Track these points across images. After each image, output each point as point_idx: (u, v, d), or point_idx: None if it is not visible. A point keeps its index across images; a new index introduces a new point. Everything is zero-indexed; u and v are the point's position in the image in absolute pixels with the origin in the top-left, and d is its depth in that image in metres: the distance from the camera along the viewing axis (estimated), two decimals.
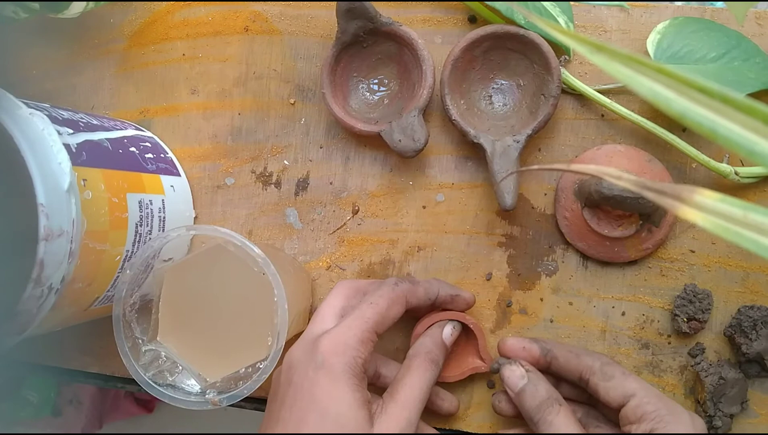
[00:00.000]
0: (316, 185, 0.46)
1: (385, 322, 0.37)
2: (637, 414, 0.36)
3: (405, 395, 0.36)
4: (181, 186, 0.45)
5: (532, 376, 0.39)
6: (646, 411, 0.36)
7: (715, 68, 0.41)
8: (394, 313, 0.37)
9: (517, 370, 0.39)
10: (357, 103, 0.45)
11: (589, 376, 0.38)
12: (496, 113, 0.44)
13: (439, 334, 0.41)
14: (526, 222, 0.45)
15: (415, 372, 0.37)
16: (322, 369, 0.33)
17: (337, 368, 0.33)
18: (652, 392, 0.37)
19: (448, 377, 0.43)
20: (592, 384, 0.38)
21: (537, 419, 0.37)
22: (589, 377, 0.38)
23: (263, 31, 0.47)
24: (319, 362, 0.34)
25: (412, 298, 0.39)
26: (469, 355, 0.43)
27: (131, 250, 0.38)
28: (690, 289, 0.42)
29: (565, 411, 0.37)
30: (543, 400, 0.38)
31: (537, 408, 0.37)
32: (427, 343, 0.40)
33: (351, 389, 0.33)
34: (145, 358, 0.38)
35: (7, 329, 0.32)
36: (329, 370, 0.33)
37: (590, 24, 0.44)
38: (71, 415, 0.93)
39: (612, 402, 0.37)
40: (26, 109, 0.33)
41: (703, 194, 0.20)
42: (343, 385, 0.33)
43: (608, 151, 0.43)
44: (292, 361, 0.35)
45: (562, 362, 0.40)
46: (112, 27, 0.48)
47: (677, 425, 0.35)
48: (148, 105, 0.48)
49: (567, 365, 0.39)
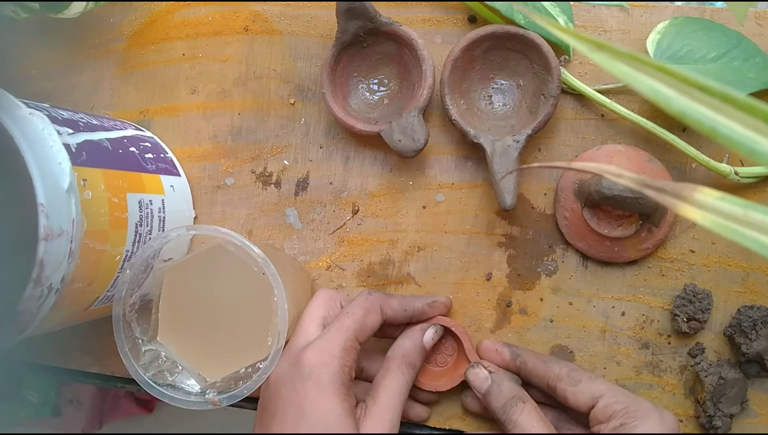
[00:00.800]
0: (316, 185, 0.46)
1: (364, 330, 0.38)
2: (607, 413, 0.36)
3: (386, 399, 0.37)
4: (181, 186, 0.45)
5: (495, 377, 0.40)
6: (615, 410, 0.36)
7: (715, 68, 0.41)
8: (371, 321, 0.39)
9: (481, 372, 0.40)
10: (357, 103, 0.45)
11: (556, 382, 0.39)
12: (496, 113, 0.44)
13: (419, 337, 0.41)
14: (526, 222, 0.45)
15: (392, 375, 0.38)
16: (309, 381, 0.34)
17: (324, 379, 0.34)
18: (620, 391, 0.37)
19: (441, 386, 0.43)
20: (560, 390, 0.39)
21: (504, 420, 0.38)
22: (556, 384, 0.39)
23: (263, 31, 0.47)
24: (306, 374, 0.34)
25: (387, 308, 0.40)
26: (462, 362, 0.43)
27: (131, 250, 0.38)
28: (690, 289, 0.42)
29: (529, 408, 0.38)
30: (507, 399, 0.38)
31: (502, 408, 0.38)
32: (406, 345, 0.40)
33: (339, 399, 0.34)
34: (144, 358, 0.38)
35: (7, 329, 0.32)
36: (316, 382, 0.34)
37: (590, 24, 0.44)
38: (71, 415, 0.93)
39: (581, 406, 0.38)
40: (26, 109, 0.33)
41: (703, 192, 0.20)
42: (331, 395, 0.34)
43: (608, 151, 0.43)
44: (278, 373, 0.36)
45: (530, 367, 0.41)
46: (111, 27, 0.48)
47: (645, 420, 0.36)
48: (148, 105, 0.48)
49: (535, 371, 0.40)
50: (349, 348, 0.36)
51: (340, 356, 0.35)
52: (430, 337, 0.41)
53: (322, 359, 0.35)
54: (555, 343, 0.44)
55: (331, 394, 0.34)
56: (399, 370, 0.39)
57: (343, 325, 0.37)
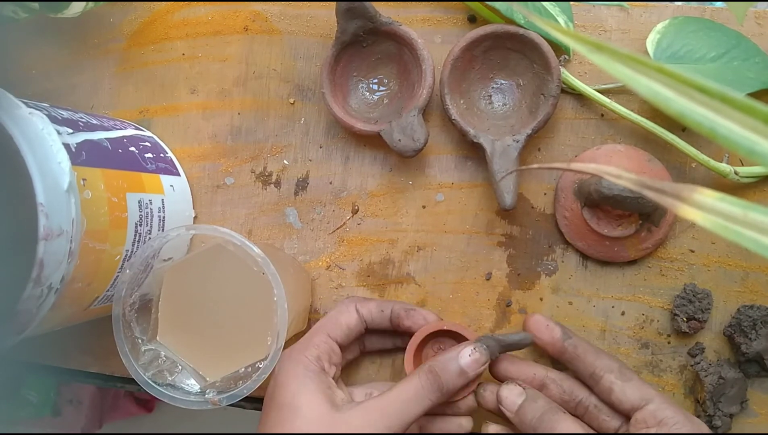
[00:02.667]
0: (316, 185, 0.46)
1: (337, 328, 0.40)
2: (657, 417, 0.36)
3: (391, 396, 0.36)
4: (180, 186, 0.45)
5: (530, 392, 0.38)
6: (666, 416, 0.36)
7: (714, 68, 0.41)
8: (346, 319, 0.41)
9: (515, 388, 0.38)
10: (357, 103, 0.45)
11: (604, 372, 0.38)
12: (495, 113, 0.44)
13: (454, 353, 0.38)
14: (525, 222, 0.45)
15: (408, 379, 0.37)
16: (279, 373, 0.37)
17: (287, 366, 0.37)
18: (670, 401, 0.37)
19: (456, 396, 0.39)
20: (606, 381, 0.37)
21: (541, 429, 0.36)
22: (604, 374, 0.38)
23: (263, 31, 0.47)
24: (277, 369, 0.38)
25: (362, 308, 0.41)
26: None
27: (131, 249, 0.38)
28: (690, 288, 0.42)
29: (570, 417, 0.37)
30: (545, 410, 0.37)
31: (540, 419, 0.37)
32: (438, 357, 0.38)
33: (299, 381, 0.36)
34: (144, 358, 0.38)
35: (7, 329, 0.32)
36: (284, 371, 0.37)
37: (590, 24, 0.44)
38: (71, 414, 0.93)
39: (626, 402, 0.37)
40: (26, 109, 0.33)
41: (702, 193, 0.20)
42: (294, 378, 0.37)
43: (608, 151, 0.43)
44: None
45: (580, 352, 0.39)
46: (111, 27, 0.48)
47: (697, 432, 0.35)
48: (148, 105, 0.48)
49: (584, 356, 0.39)
50: (319, 342, 0.39)
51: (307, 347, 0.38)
52: (467, 353, 0.38)
53: (292, 354, 0.38)
54: None
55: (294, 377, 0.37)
56: (417, 375, 0.37)
57: (318, 324, 0.40)
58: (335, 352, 0.40)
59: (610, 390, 0.37)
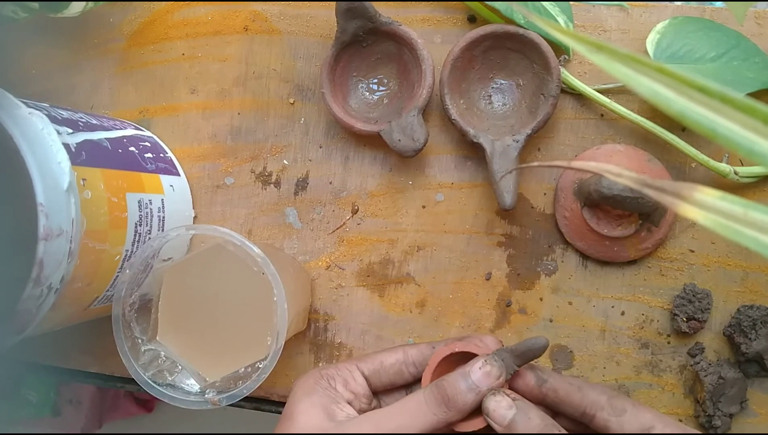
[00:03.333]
0: (316, 185, 0.46)
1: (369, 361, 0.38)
2: None
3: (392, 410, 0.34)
4: (180, 186, 0.45)
5: (521, 404, 0.34)
6: None
7: (714, 68, 0.41)
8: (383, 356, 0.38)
9: (503, 400, 0.34)
10: (356, 103, 0.45)
11: (596, 411, 0.34)
12: (495, 113, 0.44)
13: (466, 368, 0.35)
14: (525, 221, 0.45)
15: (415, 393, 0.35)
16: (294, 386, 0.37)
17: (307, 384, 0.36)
18: (670, 421, 0.34)
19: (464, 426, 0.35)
20: (600, 419, 0.34)
21: None
22: (596, 412, 0.34)
23: (263, 31, 0.47)
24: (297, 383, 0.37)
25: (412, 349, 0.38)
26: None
27: (131, 249, 0.38)
28: (689, 288, 0.42)
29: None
30: (539, 429, 0.33)
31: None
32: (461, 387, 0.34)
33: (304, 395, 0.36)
34: (144, 358, 0.38)
35: (6, 329, 0.32)
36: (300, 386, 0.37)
37: (590, 23, 0.44)
38: (71, 414, 0.93)
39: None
40: (25, 109, 0.33)
41: (703, 192, 0.20)
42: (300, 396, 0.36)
43: (608, 151, 0.43)
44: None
45: (562, 395, 0.35)
46: (111, 26, 0.48)
47: None
48: (148, 104, 0.48)
49: (568, 399, 0.35)
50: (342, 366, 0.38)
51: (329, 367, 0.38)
52: (477, 367, 0.35)
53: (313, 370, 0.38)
54: (555, 343, 0.44)
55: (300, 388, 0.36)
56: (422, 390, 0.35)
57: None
58: (357, 382, 0.37)
59: (606, 428, 0.34)
